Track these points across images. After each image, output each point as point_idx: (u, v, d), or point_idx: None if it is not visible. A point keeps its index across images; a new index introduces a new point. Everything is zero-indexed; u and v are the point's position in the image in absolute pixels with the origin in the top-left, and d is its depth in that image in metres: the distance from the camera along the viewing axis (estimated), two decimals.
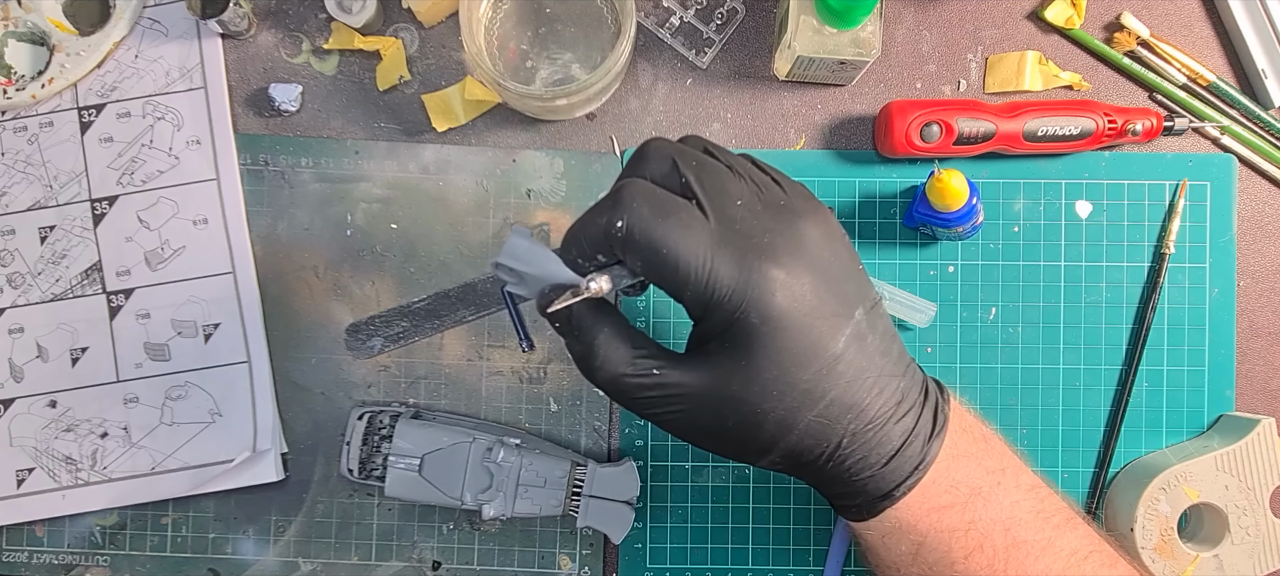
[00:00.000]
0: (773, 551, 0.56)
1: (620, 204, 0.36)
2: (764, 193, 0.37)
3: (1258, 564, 0.53)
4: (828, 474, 0.38)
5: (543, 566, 0.56)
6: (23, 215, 0.55)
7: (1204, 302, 0.56)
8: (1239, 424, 0.54)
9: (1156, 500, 0.53)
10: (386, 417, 0.54)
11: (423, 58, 0.56)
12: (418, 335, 0.56)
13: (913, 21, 0.56)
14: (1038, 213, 0.56)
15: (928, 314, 0.55)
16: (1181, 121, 0.55)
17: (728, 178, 0.37)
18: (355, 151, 0.56)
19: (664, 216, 0.35)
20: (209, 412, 0.55)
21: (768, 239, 0.36)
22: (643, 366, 0.37)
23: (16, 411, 0.55)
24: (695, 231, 0.35)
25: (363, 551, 0.56)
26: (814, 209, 0.38)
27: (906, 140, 0.53)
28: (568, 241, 0.38)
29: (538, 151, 0.56)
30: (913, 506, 0.38)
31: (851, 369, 0.36)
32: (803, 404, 0.36)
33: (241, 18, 0.54)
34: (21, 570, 0.56)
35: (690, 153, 0.38)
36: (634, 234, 0.35)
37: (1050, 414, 0.56)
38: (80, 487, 0.55)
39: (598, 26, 0.53)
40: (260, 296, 0.55)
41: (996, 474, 0.39)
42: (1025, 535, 0.38)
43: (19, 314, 0.55)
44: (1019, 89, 0.56)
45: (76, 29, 0.55)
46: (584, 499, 0.52)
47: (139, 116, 0.55)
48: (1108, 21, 0.56)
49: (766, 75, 0.56)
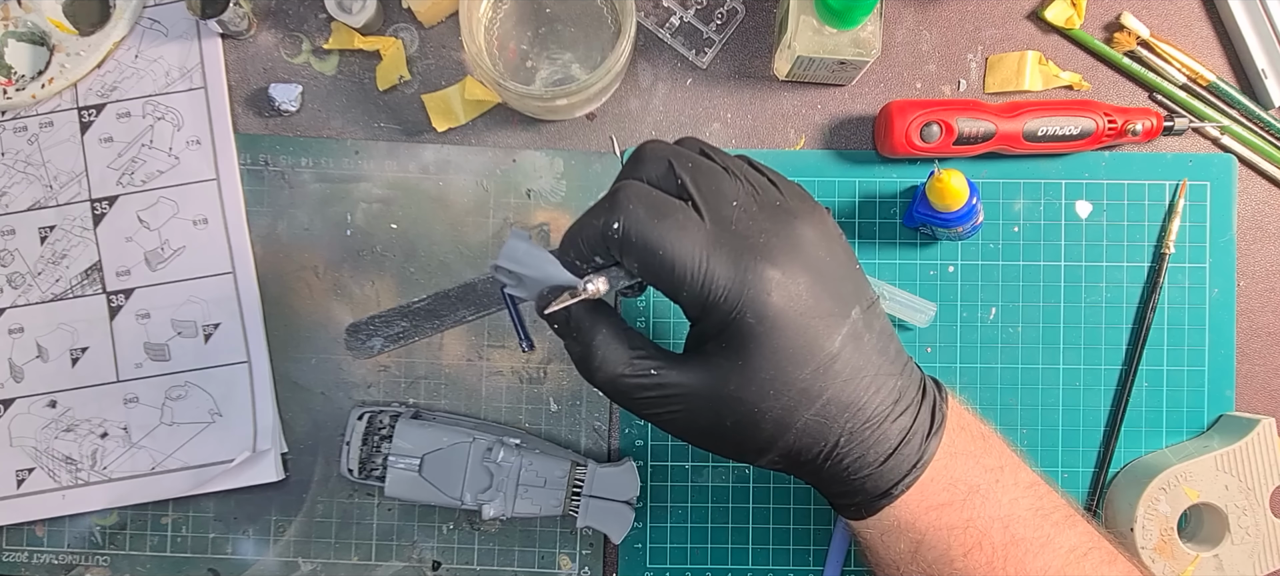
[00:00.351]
0: (773, 551, 0.56)
1: (617, 206, 0.36)
2: (760, 193, 0.38)
3: (1258, 564, 0.53)
4: (826, 473, 0.38)
5: (543, 566, 0.56)
6: (23, 215, 0.55)
7: (1204, 302, 0.56)
8: (1239, 424, 0.54)
9: (1156, 500, 0.53)
10: (386, 417, 0.54)
11: (423, 58, 0.56)
12: (418, 335, 0.56)
13: (913, 21, 0.56)
14: (1038, 213, 0.56)
15: (928, 314, 0.55)
16: (1181, 121, 0.55)
17: (724, 179, 0.37)
18: (355, 151, 0.56)
19: (660, 218, 0.36)
20: (209, 412, 0.55)
21: (763, 239, 0.36)
22: (640, 367, 0.38)
23: (16, 411, 0.55)
24: (691, 232, 0.36)
25: (363, 551, 0.56)
26: (810, 209, 0.38)
27: (906, 140, 0.53)
28: (565, 243, 0.38)
29: (538, 151, 0.56)
30: (911, 504, 0.38)
31: (848, 367, 0.36)
32: (800, 402, 0.36)
33: (241, 18, 0.54)
34: (21, 570, 0.56)
35: (687, 154, 0.38)
36: (630, 235, 0.36)
37: (1050, 414, 0.56)
38: (80, 487, 0.55)
39: (598, 26, 0.53)
40: (260, 296, 0.55)
41: (995, 471, 0.39)
42: (1023, 532, 0.38)
43: (19, 314, 0.55)
44: (1019, 89, 0.56)
45: (76, 29, 0.55)
46: (584, 499, 0.52)
47: (139, 116, 0.55)
48: (1108, 21, 0.56)
49: (766, 75, 0.56)
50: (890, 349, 0.38)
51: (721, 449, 0.39)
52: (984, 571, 0.38)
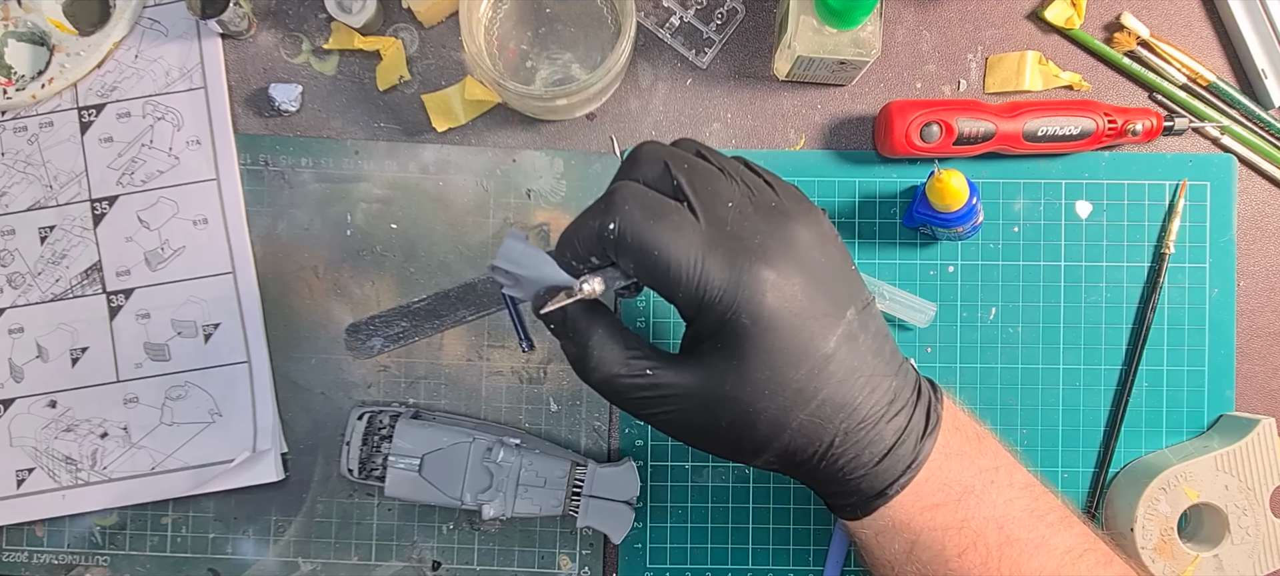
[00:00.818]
0: (773, 551, 0.56)
1: (613, 207, 0.36)
2: (756, 194, 0.38)
3: (1258, 564, 0.53)
4: (821, 473, 0.38)
5: (543, 566, 0.56)
6: (23, 215, 0.55)
7: (1204, 302, 0.56)
8: (1239, 424, 0.54)
9: (1156, 500, 0.53)
10: (386, 417, 0.54)
11: (423, 58, 0.56)
12: (418, 335, 0.56)
13: (913, 21, 0.56)
14: (1038, 213, 0.56)
15: (928, 314, 0.55)
16: (1181, 121, 0.55)
17: (719, 180, 0.38)
18: (355, 151, 0.56)
19: (655, 219, 0.36)
20: (209, 412, 0.55)
21: (759, 240, 0.36)
22: (636, 367, 0.38)
23: (16, 411, 0.55)
24: (686, 233, 0.36)
25: (363, 551, 0.56)
26: (806, 210, 0.38)
27: (906, 140, 0.53)
28: (562, 244, 0.38)
29: (538, 151, 0.56)
30: (906, 505, 0.38)
31: (843, 368, 0.37)
32: (795, 403, 0.36)
33: (241, 18, 0.54)
34: (21, 570, 0.56)
35: (682, 155, 0.38)
36: (626, 236, 0.36)
37: (1050, 414, 0.56)
38: (80, 487, 0.55)
39: (598, 26, 0.53)
40: (260, 296, 0.55)
41: (990, 472, 0.39)
42: (1019, 533, 0.38)
43: (19, 314, 0.55)
44: (1019, 89, 0.56)
45: (76, 29, 0.55)
46: (584, 499, 0.52)
47: (139, 116, 0.55)
48: (1108, 21, 0.56)
49: (766, 75, 0.56)
50: (885, 349, 0.38)
51: (717, 449, 0.39)
52: (979, 572, 0.38)
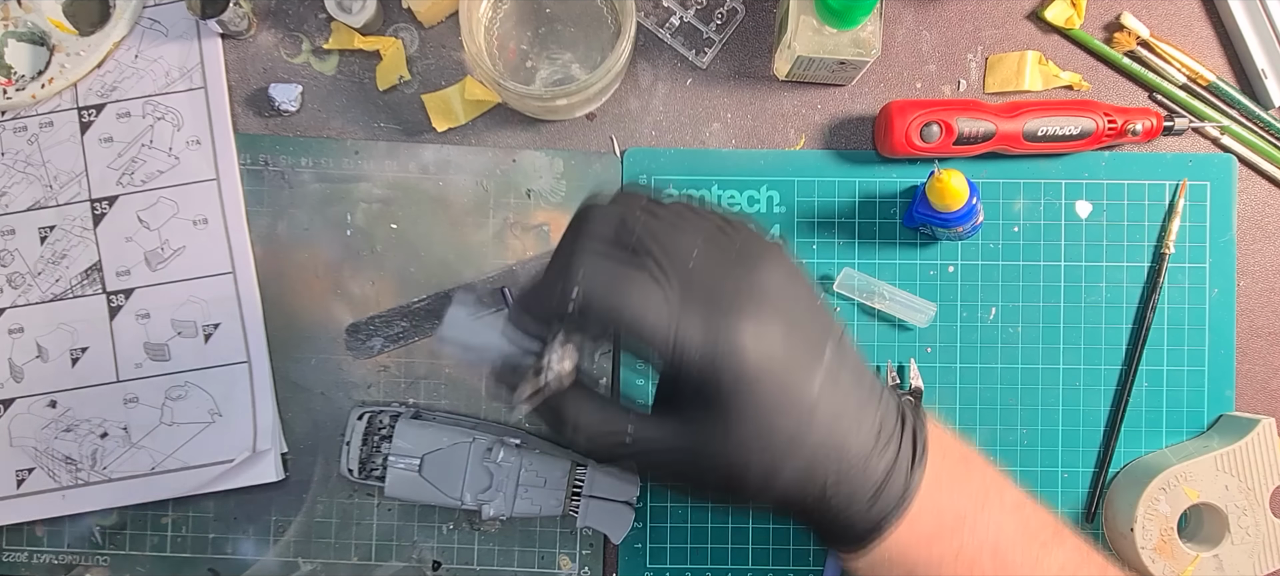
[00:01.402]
0: (773, 551, 0.56)
1: (571, 273, 0.34)
2: (715, 241, 0.36)
3: (1258, 564, 0.53)
4: (816, 514, 0.38)
5: (543, 566, 0.56)
6: (23, 215, 0.55)
7: (1204, 302, 0.56)
8: (1239, 424, 0.54)
9: (1156, 500, 0.53)
10: (386, 417, 0.54)
11: (423, 58, 0.56)
12: (418, 335, 0.56)
13: (913, 21, 0.56)
14: (1038, 213, 0.56)
15: (928, 314, 0.55)
16: (1181, 121, 0.55)
17: (680, 232, 0.36)
18: (355, 151, 0.56)
19: (621, 284, 0.34)
20: (209, 412, 0.55)
21: (730, 293, 0.34)
22: (615, 430, 0.36)
23: (16, 411, 0.55)
24: (655, 296, 0.34)
25: (363, 551, 0.56)
26: (766, 249, 0.36)
27: (906, 140, 0.53)
28: (517, 310, 0.36)
29: (538, 151, 0.56)
30: (901, 538, 0.37)
31: (830, 410, 0.36)
32: (785, 453, 0.35)
33: (241, 18, 0.54)
34: (21, 570, 0.56)
35: (635, 212, 0.36)
36: (592, 304, 0.34)
37: (1050, 414, 0.56)
38: (80, 487, 0.55)
39: (598, 26, 0.53)
40: (260, 296, 0.55)
41: (980, 497, 0.39)
42: (1013, 555, 0.38)
43: (19, 314, 0.55)
44: (1019, 89, 0.56)
45: (76, 29, 0.55)
46: (584, 499, 0.52)
47: (139, 116, 0.55)
48: (1108, 21, 0.56)
49: (766, 75, 0.56)
50: (865, 379, 0.38)
51: (709, 499, 0.38)
52: None
